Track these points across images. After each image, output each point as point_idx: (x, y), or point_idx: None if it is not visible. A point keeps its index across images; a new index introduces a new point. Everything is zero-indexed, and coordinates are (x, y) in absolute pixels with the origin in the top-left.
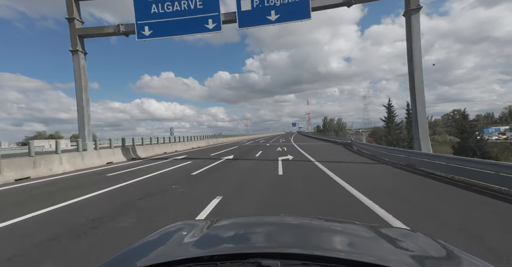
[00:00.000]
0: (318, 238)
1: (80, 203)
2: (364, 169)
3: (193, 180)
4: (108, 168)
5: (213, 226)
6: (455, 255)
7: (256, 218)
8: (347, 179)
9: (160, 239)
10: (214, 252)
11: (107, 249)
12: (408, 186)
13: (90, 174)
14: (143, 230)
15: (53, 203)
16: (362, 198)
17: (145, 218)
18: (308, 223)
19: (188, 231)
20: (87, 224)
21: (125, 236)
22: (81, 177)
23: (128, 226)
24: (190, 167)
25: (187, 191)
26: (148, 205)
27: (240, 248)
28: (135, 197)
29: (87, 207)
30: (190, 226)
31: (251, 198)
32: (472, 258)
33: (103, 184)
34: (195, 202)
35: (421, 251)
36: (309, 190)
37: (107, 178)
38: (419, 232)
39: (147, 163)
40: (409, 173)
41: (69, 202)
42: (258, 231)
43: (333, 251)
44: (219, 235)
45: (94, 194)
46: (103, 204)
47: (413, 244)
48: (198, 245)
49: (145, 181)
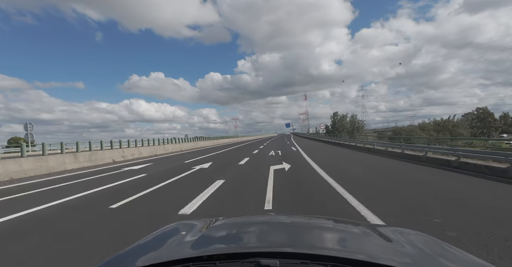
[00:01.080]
0: (316, 237)
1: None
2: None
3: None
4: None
5: (211, 226)
6: (454, 254)
7: (255, 217)
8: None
9: (159, 239)
10: (213, 251)
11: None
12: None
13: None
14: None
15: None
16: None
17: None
18: (307, 222)
19: (186, 231)
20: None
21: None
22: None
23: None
24: (132, 184)
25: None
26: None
27: (239, 248)
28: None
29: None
30: (189, 226)
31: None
32: (469, 256)
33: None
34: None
35: (419, 249)
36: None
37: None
38: (418, 231)
39: (71, 180)
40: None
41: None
42: (257, 230)
43: (331, 250)
44: (217, 234)
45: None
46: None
47: (411, 243)
48: (196, 244)
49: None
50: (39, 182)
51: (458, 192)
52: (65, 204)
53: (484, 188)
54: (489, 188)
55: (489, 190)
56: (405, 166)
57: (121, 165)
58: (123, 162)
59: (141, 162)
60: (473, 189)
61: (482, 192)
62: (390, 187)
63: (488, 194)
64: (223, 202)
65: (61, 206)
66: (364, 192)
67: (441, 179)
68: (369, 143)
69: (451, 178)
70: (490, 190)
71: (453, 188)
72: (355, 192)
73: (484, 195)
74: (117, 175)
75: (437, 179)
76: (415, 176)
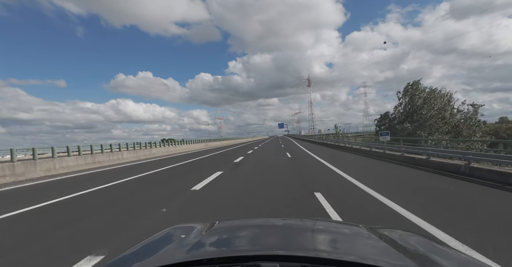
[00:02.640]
0: (317, 240)
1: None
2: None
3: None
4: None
5: (211, 229)
6: (449, 254)
7: (255, 220)
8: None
9: (158, 242)
10: (213, 255)
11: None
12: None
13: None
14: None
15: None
16: None
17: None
18: (305, 225)
19: (186, 234)
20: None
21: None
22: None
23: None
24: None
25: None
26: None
27: (239, 251)
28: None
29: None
30: (188, 229)
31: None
32: (470, 258)
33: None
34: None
35: (418, 252)
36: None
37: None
38: (419, 233)
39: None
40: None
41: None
42: (256, 234)
43: (332, 253)
44: (217, 237)
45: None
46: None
47: (412, 245)
48: (196, 248)
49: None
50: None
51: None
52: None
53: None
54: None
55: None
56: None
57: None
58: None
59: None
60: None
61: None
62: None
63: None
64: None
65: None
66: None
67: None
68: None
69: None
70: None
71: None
72: None
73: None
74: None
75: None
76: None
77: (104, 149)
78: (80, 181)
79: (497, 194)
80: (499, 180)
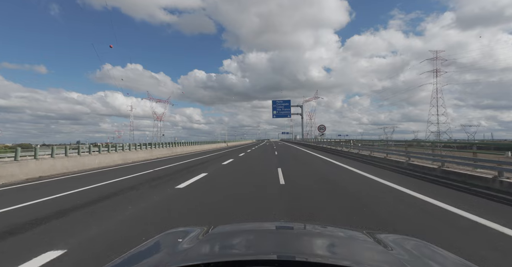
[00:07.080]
0: (313, 244)
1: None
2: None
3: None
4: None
5: (209, 233)
6: (452, 262)
7: (253, 224)
8: None
9: (155, 246)
10: (211, 259)
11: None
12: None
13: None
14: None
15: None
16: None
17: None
18: (304, 229)
19: (183, 238)
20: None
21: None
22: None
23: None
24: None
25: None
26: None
27: (237, 255)
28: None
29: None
30: (186, 233)
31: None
32: (467, 263)
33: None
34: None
35: (416, 257)
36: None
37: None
38: (418, 238)
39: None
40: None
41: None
42: (255, 238)
43: (329, 258)
44: (215, 242)
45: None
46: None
47: (410, 250)
48: (194, 252)
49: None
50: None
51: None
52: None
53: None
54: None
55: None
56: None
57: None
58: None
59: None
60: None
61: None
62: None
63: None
64: None
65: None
66: None
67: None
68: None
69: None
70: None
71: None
72: None
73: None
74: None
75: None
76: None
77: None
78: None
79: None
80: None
